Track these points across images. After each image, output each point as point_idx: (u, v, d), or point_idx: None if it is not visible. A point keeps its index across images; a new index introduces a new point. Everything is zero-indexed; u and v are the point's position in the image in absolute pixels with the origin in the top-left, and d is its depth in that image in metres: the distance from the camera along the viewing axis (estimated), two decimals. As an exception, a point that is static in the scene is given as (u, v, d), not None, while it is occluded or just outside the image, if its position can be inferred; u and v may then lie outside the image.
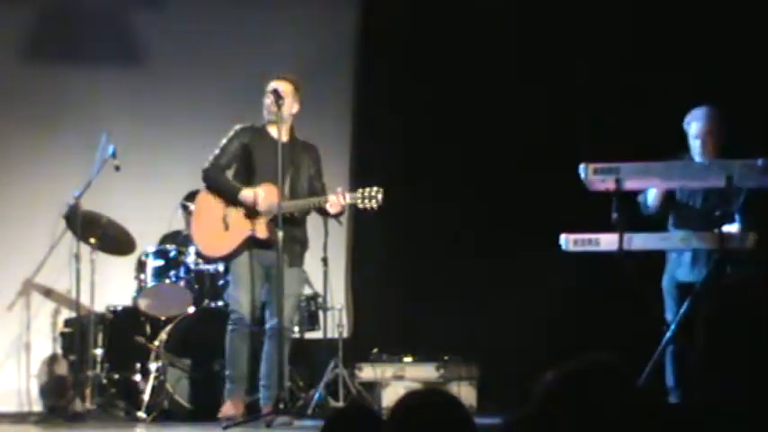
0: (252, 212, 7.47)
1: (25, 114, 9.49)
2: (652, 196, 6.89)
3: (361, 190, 7.35)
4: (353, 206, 7.54)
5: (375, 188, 7.31)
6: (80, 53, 9.64)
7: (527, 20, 9.14)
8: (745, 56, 8.23)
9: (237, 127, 7.62)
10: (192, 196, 8.08)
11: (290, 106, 7.51)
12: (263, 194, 7.41)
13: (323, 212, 7.52)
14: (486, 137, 9.17)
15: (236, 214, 7.51)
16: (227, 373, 7.55)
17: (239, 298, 7.44)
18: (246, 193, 7.44)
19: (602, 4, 8.83)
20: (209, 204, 7.62)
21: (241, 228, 7.48)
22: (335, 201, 7.27)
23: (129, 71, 9.69)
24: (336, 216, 7.61)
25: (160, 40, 9.73)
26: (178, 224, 8.75)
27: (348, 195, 7.28)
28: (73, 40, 9.63)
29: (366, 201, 7.27)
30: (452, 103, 9.37)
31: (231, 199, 7.49)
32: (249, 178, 7.53)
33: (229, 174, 7.66)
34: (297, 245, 7.53)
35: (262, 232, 7.42)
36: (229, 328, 7.48)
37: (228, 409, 7.41)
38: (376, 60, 9.77)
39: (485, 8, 9.24)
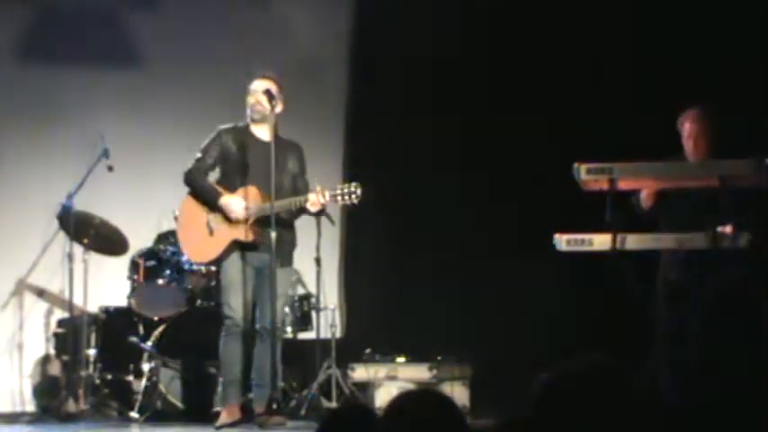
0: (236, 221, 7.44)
1: (19, 114, 9.47)
2: (643, 197, 6.89)
3: (339, 186, 7.32)
4: (343, 207, 7.54)
5: (354, 183, 7.27)
6: (77, 53, 9.62)
7: (527, 19, 9.14)
8: (744, 55, 8.23)
9: (220, 128, 7.57)
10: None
11: (278, 107, 7.49)
12: (239, 206, 7.40)
13: (305, 212, 7.47)
14: (484, 137, 9.16)
15: (219, 219, 7.44)
16: (221, 378, 7.53)
17: (232, 303, 7.40)
18: (225, 201, 7.43)
19: (601, 3, 8.83)
20: (192, 209, 7.55)
21: (225, 232, 7.43)
22: (315, 200, 7.24)
23: (125, 71, 9.68)
24: (318, 215, 7.58)
25: (157, 41, 9.72)
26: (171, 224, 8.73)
27: (327, 193, 7.25)
28: (70, 39, 9.61)
29: (345, 197, 7.25)
30: (450, 102, 9.36)
31: (211, 204, 7.47)
32: (234, 179, 7.48)
33: (214, 175, 7.62)
34: (285, 245, 7.47)
35: (248, 235, 7.37)
36: (223, 333, 7.44)
37: (225, 418, 7.39)
38: (373, 59, 9.77)
39: (484, 7, 9.24)
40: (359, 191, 7.21)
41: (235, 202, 7.37)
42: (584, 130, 8.50)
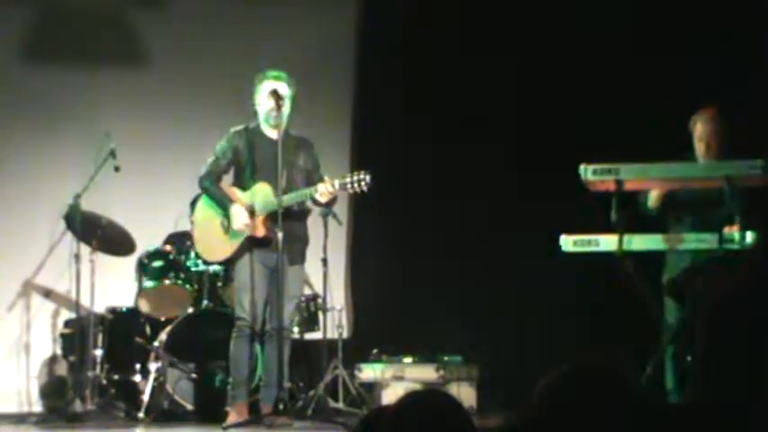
0: (249, 212, 7.47)
1: (25, 114, 9.48)
2: (652, 197, 6.88)
3: (349, 174, 7.34)
4: (353, 195, 7.57)
5: (363, 171, 7.29)
6: (80, 53, 9.64)
7: (527, 18, 9.14)
8: (746, 55, 8.23)
9: (231, 130, 7.62)
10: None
11: (287, 106, 7.50)
12: (242, 218, 7.42)
13: (316, 203, 7.51)
14: (487, 136, 9.16)
15: None
16: (230, 379, 7.54)
17: (243, 303, 7.45)
18: (232, 211, 7.46)
19: (602, 3, 8.83)
20: (207, 210, 7.65)
21: (239, 230, 7.48)
22: (324, 189, 7.26)
23: (129, 71, 9.69)
24: (328, 205, 7.60)
25: (160, 40, 9.73)
26: (184, 224, 8.73)
27: (337, 182, 7.27)
28: (73, 40, 9.63)
29: (355, 184, 7.25)
30: (452, 101, 9.36)
31: (224, 209, 7.52)
32: (247, 179, 7.53)
33: (228, 178, 7.65)
34: (297, 242, 7.52)
35: (259, 231, 7.42)
36: (234, 333, 7.49)
37: (232, 418, 7.40)
38: (376, 58, 9.77)
39: (485, 6, 9.24)
40: (368, 178, 7.22)
41: (238, 215, 7.41)
42: (590, 131, 8.49)
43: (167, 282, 8.54)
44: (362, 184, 7.24)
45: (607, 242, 6.29)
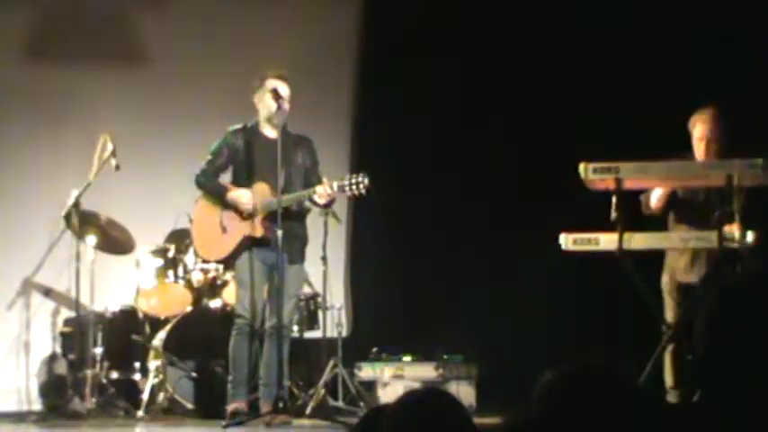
0: (246, 213, 7.47)
1: (25, 114, 9.49)
2: (655, 197, 6.87)
3: (348, 177, 7.32)
4: (352, 198, 7.56)
5: (361, 173, 7.28)
6: (80, 53, 9.64)
7: (528, 18, 9.14)
8: (746, 55, 8.23)
9: (228, 129, 7.61)
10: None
11: (287, 105, 7.50)
12: (246, 198, 7.41)
13: (314, 204, 7.51)
14: (487, 136, 9.16)
15: (232, 216, 7.51)
16: (230, 377, 7.53)
17: (243, 301, 7.45)
18: (232, 196, 7.45)
19: (602, 4, 8.83)
20: (206, 210, 7.64)
21: (238, 229, 7.48)
22: (322, 191, 7.26)
23: (129, 71, 9.70)
24: (326, 206, 7.60)
25: (160, 40, 9.73)
26: (184, 223, 8.73)
27: (335, 184, 7.26)
28: (73, 40, 9.63)
29: (353, 186, 7.24)
30: (452, 101, 9.36)
31: (221, 201, 7.50)
32: (245, 178, 7.53)
33: (226, 177, 7.65)
34: (296, 241, 7.51)
35: (257, 231, 7.41)
36: (234, 332, 7.48)
37: (234, 407, 7.40)
38: (376, 58, 9.77)
39: (485, 7, 9.24)
40: (366, 180, 7.21)
41: (242, 194, 7.42)
42: (590, 131, 8.50)
43: (167, 280, 8.55)
44: (360, 186, 7.22)
45: (607, 241, 6.29)
